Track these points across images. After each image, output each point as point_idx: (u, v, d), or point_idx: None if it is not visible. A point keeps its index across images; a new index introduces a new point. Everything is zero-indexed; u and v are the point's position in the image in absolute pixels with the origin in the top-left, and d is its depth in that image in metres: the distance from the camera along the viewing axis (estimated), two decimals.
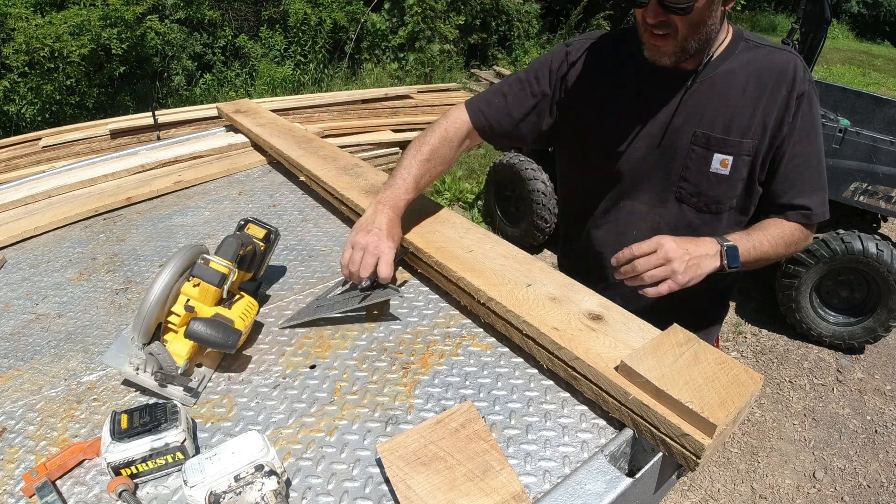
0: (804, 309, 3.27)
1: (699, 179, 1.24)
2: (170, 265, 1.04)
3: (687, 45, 1.12)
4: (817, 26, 2.78)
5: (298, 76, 7.58)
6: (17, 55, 5.74)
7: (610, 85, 1.28)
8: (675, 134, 1.23)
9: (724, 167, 1.21)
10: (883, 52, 12.40)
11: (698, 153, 1.22)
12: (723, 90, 1.19)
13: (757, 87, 1.18)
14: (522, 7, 9.11)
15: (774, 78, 1.18)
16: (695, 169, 1.24)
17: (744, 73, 1.19)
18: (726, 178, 1.22)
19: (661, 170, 1.27)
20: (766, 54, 1.20)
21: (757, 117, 1.19)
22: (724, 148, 1.20)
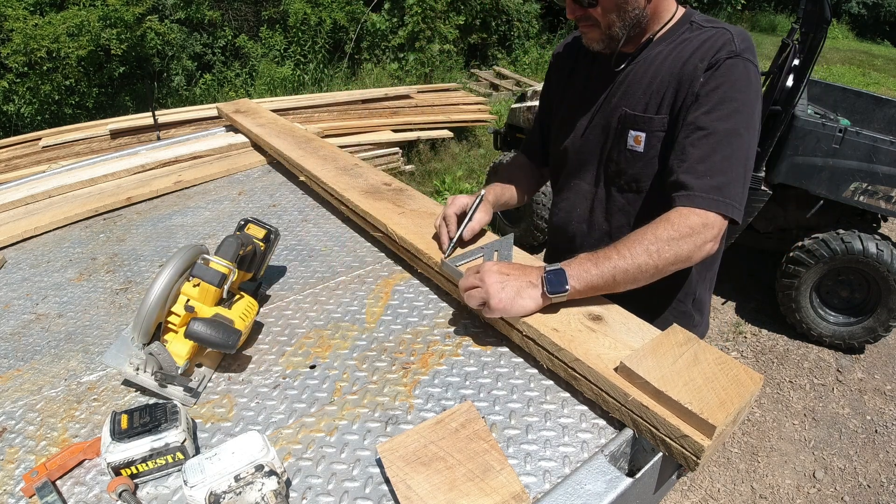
0: (804, 309, 3.27)
1: (619, 158, 1.24)
2: (170, 265, 1.04)
3: (612, 32, 1.16)
4: (817, 26, 2.78)
5: (298, 76, 7.57)
6: (15, 56, 5.74)
7: (569, 74, 1.37)
8: (609, 114, 1.24)
9: (637, 144, 1.20)
10: (883, 52, 12.40)
11: (618, 131, 1.23)
12: (651, 67, 1.18)
13: (676, 62, 1.15)
14: (522, 7, 9.11)
15: (696, 52, 1.13)
16: (616, 147, 1.24)
17: (672, 51, 1.17)
18: (641, 154, 1.20)
19: (598, 149, 1.28)
20: (703, 33, 1.15)
21: (669, 91, 1.15)
22: (637, 125, 1.19)
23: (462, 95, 6.76)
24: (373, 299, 1.27)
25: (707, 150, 1.07)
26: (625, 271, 1.01)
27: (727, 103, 1.08)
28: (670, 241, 1.02)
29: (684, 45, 1.15)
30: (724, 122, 1.07)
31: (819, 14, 2.74)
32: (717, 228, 1.05)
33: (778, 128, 2.96)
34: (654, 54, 1.19)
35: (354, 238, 1.56)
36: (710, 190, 1.05)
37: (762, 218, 3.36)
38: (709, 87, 1.09)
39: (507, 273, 1.02)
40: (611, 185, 1.28)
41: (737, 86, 1.08)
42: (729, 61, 1.08)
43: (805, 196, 3.12)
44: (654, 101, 1.17)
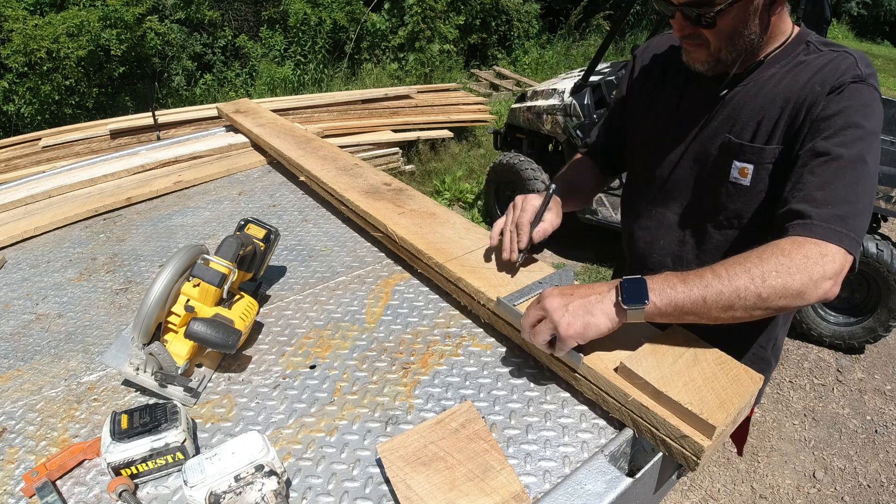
0: (804, 309, 3.27)
1: (720, 191, 1.11)
2: (170, 265, 1.04)
3: (721, 56, 1.04)
4: (817, 26, 2.77)
5: (298, 76, 7.57)
6: (15, 56, 5.74)
7: (658, 88, 1.23)
8: (708, 142, 1.12)
9: (743, 177, 1.07)
10: (883, 52, 12.40)
11: (720, 162, 1.10)
12: (760, 94, 1.06)
13: (792, 87, 1.02)
14: (522, 7, 9.11)
15: (815, 76, 1.00)
16: (716, 179, 1.11)
17: (783, 79, 1.04)
18: (746, 189, 1.07)
19: (693, 179, 1.16)
20: (821, 57, 1.03)
21: (783, 118, 1.02)
22: (744, 155, 1.06)
23: (462, 95, 6.76)
24: (373, 299, 1.27)
25: (828, 177, 0.93)
26: (719, 293, 0.85)
27: (852, 129, 0.95)
28: (780, 268, 0.85)
29: (801, 69, 1.03)
30: (848, 148, 0.94)
31: (819, 14, 2.74)
32: (838, 264, 0.87)
33: None
34: (765, 77, 1.06)
35: (354, 238, 1.56)
36: (831, 219, 0.89)
37: None
38: (831, 110, 0.97)
39: (570, 293, 0.90)
40: (706, 221, 1.15)
41: (862, 112, 0.97)
42: (853, 86, 0.97)
43: None
44: (764, 129, 1.05)
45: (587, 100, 3.52)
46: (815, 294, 0.86)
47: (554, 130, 3.67)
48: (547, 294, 0.91)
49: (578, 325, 0.86)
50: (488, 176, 4.45)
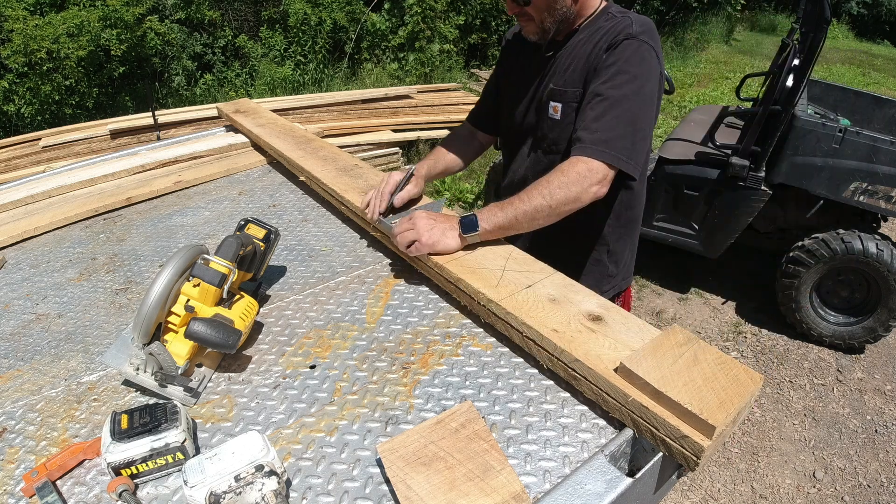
0: (804, 309, 3.27)
1: (543, 125, 1.46)
2: (170, 265, 1.04)
3: (545, 26, 1.36)
4: (817, 26, 2.78)
5: (298, 76, 7.57)
6: (16, 56, 5.74)
7: (516, 59, 1.57)
8: (541, 92, 1.45)
9: (555, 113, 1.41)
10: (883, 52, 12.40)
11: (545, 104, 1.43)
12: (572, 53, 1.39)
13: (588, 44, 1.35)
14: None
15: (605, 36, 1.33)
16: (543, 117, 1.45)
17: (587, 39, 1.37)
18: (558, 122, 1.41)
19: (532, 121, 1.50)
20: (611, 21, 1.35)
21: (581, 68, 1.36)
22: (556, 97, 1.40)
23: (462, 95, 6.76)
24: (373, 299, 1.27)
25: (600, 112, 1.26)
26: (524, 213, 1.21)
27: (621, 75, 1.27)
28: (561, 185, 1.21)
29: (597, 32, 1.35)
30: (617, 89, 1.26)
31: (819, 14, 2.74)
32: (601, 174, 1.23)
33: (778, 128, 2.96)
34: (575, 42, 1.39)
35: (354, 238, 1.56)
36: (597, 142, 1.24)
37: (762, 218, 3.36)
38: (608, 62, 1.29)
39: (434, 218, 1.24)
40: (538, 149, 1.50)
41: (630, 61, 1.27)
42: (625, 42, 1.28)
43: (805, 196, 3.12)
44: (570, 77, 1.38)
45: None
46: (588, 197, 1.23)
47: None
48: (418, 214, 1.26)
49: (434, 240, 1.20)
50: (488, 176, 4.45)
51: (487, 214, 1.23)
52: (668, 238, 3.54)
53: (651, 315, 3.65)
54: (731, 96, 7.42)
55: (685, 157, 3.34)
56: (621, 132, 1.25)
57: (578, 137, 1.27)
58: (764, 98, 3.22)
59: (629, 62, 1.27)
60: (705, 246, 3.44)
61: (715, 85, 8.53)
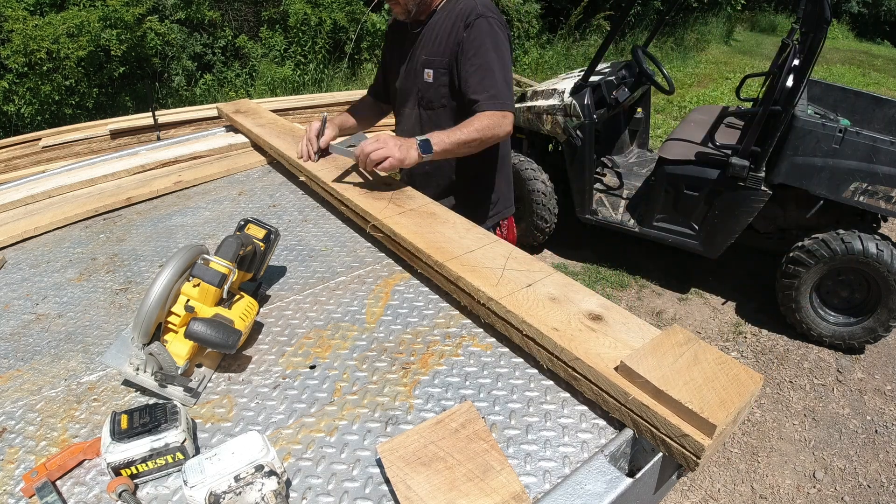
0: (804, 309, 3.27)
1: (420, 87, 1.83)
2: (170, 265, 1.04)
3: (408, 8, 1.75)
4: (817, 26, 2.77)
5: (298, 76, 7.57)
6: (15, 56, 5.73)
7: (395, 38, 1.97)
8: (415, 61, 1.84)
9: (428, 77, 1.80)
10: (883, 52, 12.40)
11: (419, 71, 1.82)
12: (435, 29, 1.78)
13: (447, 23, 1.75)
14: (522, 7, 9.11)
15: (455, 16, 1.74)
16: (419, 81, 1.83)
17: (447, 17, 1.77)
18: (431, 84, 1.80)
19: (411, 85, 1.88)
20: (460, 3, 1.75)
21: (445, 42, 1.74)
22: (428, 65, 1.79)
23: None
24: (373, 299, 1.27)
25: (480, 77, 1.69)
26: (463, 141, 1.62)
27: (482, 46, 1.69)
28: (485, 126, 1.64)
29: (452, 12, 1.75)
30: (483, 57, 1.69)
31: (819, 14, 2.74)
32: (506, 118, 1.69)
33: (778, 128, 2.96)
34: (436, 20, 1.79)
35: (354, 238, 1.56)
36: (490, 99, 1.67)
37: (762, 218, 3.36)
38: (469, 38, 1.69)
39: (398, 139, 1.56)
40: (419, 106, 1.87)
41: (483, 32, 1.69)
42: (477, 20, 1.69)
43: (805, 196, 3.12)
44: (438, 50, 1.77)
45: (587, 100, 3.52)
46: (503, 132, 1.70)
47: (554, 130, 3.67)
48: (385, 136, 1.56)
49: (403, 155, 1.52)
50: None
51: (438, 138, 1.59)
52: (668, 238, 3.54)
53: (651, 315, 3.65)
54: (731, 96, 7.42)
55: (685, 158, 3.34)
56: (500, 86, 1.69)
57: (475, 100, 1.68)
58: (764, 98, 3.22)
59: (483, 33, 1.69)
60: (705, 246, 3.44)
61: (715, 85, 8.53)
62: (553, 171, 3.89)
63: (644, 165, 4.24)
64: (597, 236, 4.21)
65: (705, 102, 7.32)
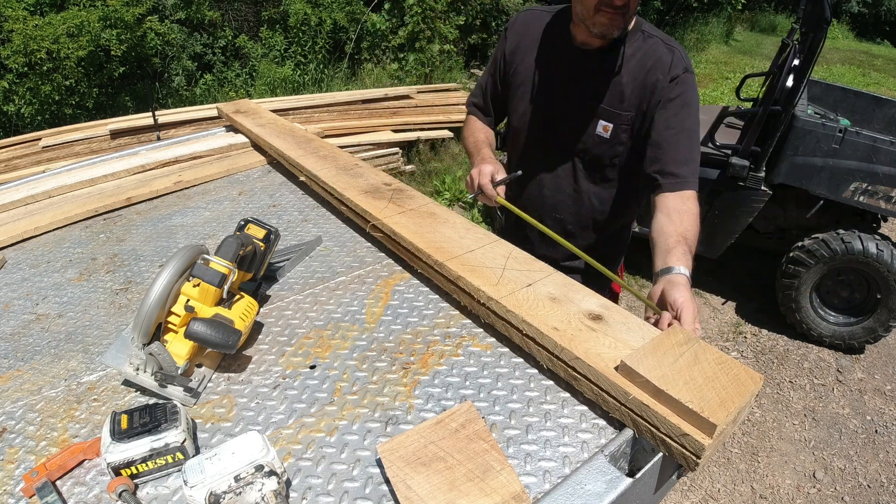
0: (804, 309, 3.27)
1: (588, 140, 1.54)
2: (170, 265, 1.04)
3: (628, 24, 1.42)
4: (817, 26, 2.78)
5: (298, 76, 7.57)
6: (15, 56, 5.73)
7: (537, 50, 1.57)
8: (581, 103, 1.52)
9: (605, 132, 1.50)
10: (883, 52, 12.40)
11: (591, 119, 1.51)
12: (619, 70, 1.46)
13: (639, 69, 1.44)
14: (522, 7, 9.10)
15: (653, 63, 1.43)
16: (587, 131, 1.53)
17: (635, 58, 1.45)
18: (607, 140, 1.51)
19: (564, 128, 1.56)
20: (654, 44, 1.45)
21: (634, 93, 1.45)
22: (607, 116, 1.49)
23: (462, 95, 6.75)
24: (373, 299, 1.27)
25: (681, 145, 1.41)
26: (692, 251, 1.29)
27: (686, 108, 1.42)
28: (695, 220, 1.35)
29: (645, 54, 1.44)
30: (688, 121, 1.42)
31: (819, 14, 2.74)
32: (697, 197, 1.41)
33: (778, 128, 2.96)
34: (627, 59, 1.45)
35: (354, 238, 1.56)
36: (690, 175, 1.40)
37: (762, 218, 3.36)
38: (673, 94, 1.41)
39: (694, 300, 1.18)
40: (578, 159, 1.58)
41: (691, 93, 1.43)
42: (684, 76, 1.42)
43: (805, 196, 3.12)
44: (620, 98, 1.47)
45: None
46: None
47: None
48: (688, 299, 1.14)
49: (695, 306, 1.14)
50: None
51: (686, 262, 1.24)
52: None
53: None
54: (731, 96, 7.42)
55: None
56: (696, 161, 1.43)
57: (673, 172, 1.39)
58: (764, 98, 3.22)
59: (692, 96, 1.43)
60: (705, 246, 3.44)
61: (715, 85, 8.53)
62: None
63: None
64: None
65: (705, 102, 7.33)
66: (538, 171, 1.66)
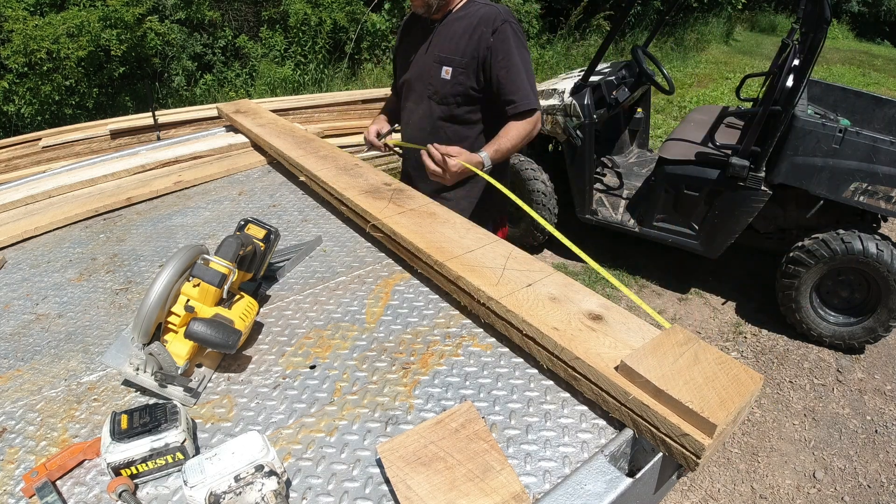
0: (804, 309, 3.27)
1: (436, 83, 1.92)
2: (170, 265, 1.04)
3: (429, 2, 1.83)
4: (817, 26, 2.77)
5: (298, 76, 7.57)
6: (15, 56, 5.73)
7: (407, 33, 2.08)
8: (429, 57, 1.93)
9: (446, 74, 1.89)
10: (883, 52, 12.40)
11: (435, 67, 1.91)
12: (454, 30, 1.88)
13: (470, 26, 1.85)
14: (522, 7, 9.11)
15: (480, 21, 1.84)
16: (434, 76, 1.92)
17: (466, 20, 1.87)
18: (448, 81, 1.89)
19: (421, 80, 1.97)
20: (478, 8, 1.87)
21: (468, 45, 1.84)
22: (447, 62, 1.88)
23: None
24: (373, 299, 1.27)
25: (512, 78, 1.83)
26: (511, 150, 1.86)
27: (510, 51, 1.82)
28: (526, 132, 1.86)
29: (474, 15, 1.86)
30: (512, 58, 1.82)
31: (819, 14, 2.74)
32: (537, 116, 1.89)
33: (778, 128, 2.96)
34: (452, 20, 1.89)
35: (354, 238, 1.56)
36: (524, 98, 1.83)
37: (762, 218, 3.36)
38: (497, 42, 1.81)
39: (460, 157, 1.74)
40: (431, 99, 1.96)
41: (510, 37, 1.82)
42: (503, 26, 1.81)
43: (805, 196, 3.12)
44: (457, 49, 1.86)
45: (587, 100, 3.52)
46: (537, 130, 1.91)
47: (554, 130, 3.67)
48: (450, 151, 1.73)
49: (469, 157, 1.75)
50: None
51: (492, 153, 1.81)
52: (668, 238, 3.54)
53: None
54: (731, 96, 7.42)
55: (685, 158, 3.34)
56: (530, 87, 1.85)
57: (511, 100, 1.83)
58: (764, 98, 3.22)
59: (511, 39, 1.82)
60: (705, 246, 3.44)
61: (715, 85, 8.53)
62: (553, 171, 3.88)
63: (644, 165, 4.25)
64: (597, 236, 4.21)
65: (705, 102, 7.32)
66: (409, 118, 2.07)
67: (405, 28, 2.14)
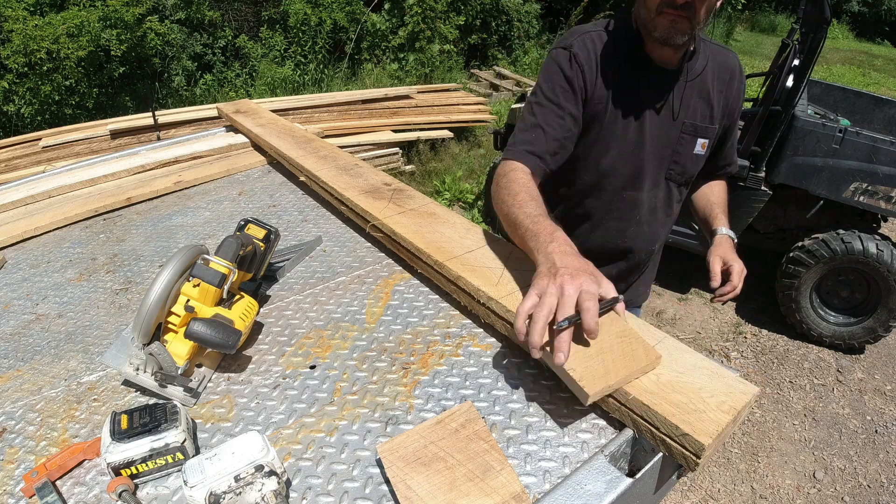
0: (804, 309, 3.27)
1: (685, 161, 1.47)
2: (170, 265, 1.04)
3: (696, 30, 1.23)
4: (817, 26, 2.78)
5: (298, 76, 7.57)
6: (15, 56, 5.74)
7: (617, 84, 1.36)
8: (675, 127, 1.42)
9: (703, 149, 1.46)
10: (883, 52, 12.40)
11: (686, 140, 1.44)
12: (701, 85, 1.40)
13: (719, 82, 1.43)
14: (522, 7, 9.11)
15: (729, 74, 1.44)
16: (683, 153, 1.46)
17: (710, 70, 1.41)
18: (702, 156, 1.49)
19: (657, 157, 1.45)
20: (717, 51, 1.43)
21: (720, 106, 1.45)
22: (705, 134, 1.45)
23: (462, 95, 6.76)
24: (373, 299, 1.27)
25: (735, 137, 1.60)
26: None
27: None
28: None
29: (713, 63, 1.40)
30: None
31: (819, 14, 2.74)
32: None
33: (778, 128, 2.96)
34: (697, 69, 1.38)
35: (354, 238, 1.56)
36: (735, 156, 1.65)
37: (762, 218, 3.36)
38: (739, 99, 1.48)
39: None
40: (671, 182, 1.51)
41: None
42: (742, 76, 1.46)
43: (805, 196, 3.12)
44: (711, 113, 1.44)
45: None
46: None
47: None
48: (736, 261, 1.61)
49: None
50: (488, 176, 4.45)
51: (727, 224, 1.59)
52: (669, 238, 3.54)
53: (651, 315, 3.65)
54: None
55: None
56: None
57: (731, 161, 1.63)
58: (764, 98, 3.22)
59: None
60: (705, 246, 3.44)
61: None
62: None
63: None
64: None
65: None
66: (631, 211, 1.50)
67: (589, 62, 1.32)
